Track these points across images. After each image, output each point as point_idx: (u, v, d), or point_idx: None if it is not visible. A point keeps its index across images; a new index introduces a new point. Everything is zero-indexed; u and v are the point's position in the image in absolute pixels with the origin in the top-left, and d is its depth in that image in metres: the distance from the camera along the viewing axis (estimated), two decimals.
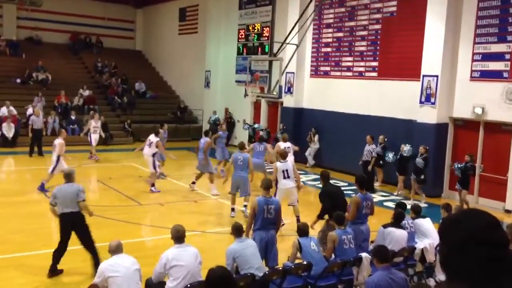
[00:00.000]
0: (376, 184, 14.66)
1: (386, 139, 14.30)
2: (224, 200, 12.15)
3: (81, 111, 21.67)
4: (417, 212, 7.92)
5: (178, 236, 5.80)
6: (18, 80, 22.57)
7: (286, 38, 16.70)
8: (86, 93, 22.77)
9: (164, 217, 10.87)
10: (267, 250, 6.88)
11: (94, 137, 16.98)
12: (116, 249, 5.61)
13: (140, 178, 14.39)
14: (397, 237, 6.96)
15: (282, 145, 12.84)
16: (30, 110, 19.90)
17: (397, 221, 7.23)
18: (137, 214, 11.02)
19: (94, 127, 17.08)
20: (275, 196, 8.91)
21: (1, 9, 25.50)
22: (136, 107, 23.81)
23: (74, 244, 7.35)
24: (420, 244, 7.40)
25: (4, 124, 18.68)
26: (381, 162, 14.14)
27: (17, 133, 18.92)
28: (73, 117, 20.78)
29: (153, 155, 12.71)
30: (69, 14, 27.14)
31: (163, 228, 9.27)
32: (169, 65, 27.23)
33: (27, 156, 16.99)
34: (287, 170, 9.88)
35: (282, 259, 7.04)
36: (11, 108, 19.45)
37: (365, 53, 16.32)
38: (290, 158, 11.82)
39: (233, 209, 10.71)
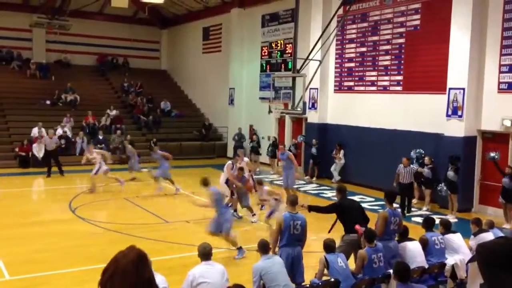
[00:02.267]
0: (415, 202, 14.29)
1: (433, 160, 13.44)
2: (249, 217, 12.13)
3: (109, 131, 22.08)
4: (447, 227, 7.75)
5: (205, 253, 5.83)
6: (48, 102, 23.16)
7: (309, 54, 16.74)
8: (113, 113, 23.21)
9: (191, 234, 10.90)
10: (294, 267, 6.82)
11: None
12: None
13: (166, 196, 14.53)
14: (412, 251, 6.91)
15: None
16: (59, 131, 20.40)
17: (404, 235, 7.30)
18: (164, 232, 11.08)
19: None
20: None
21: (31, 33, 26.32)
22: (162, 126, 24.13)
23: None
24: (450, 260, 7.24)
25: (34, 145, 19.14)
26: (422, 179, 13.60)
27: None
28: (100, 137, 21.16)
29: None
30: (97, 37, 27.85)
31: (189, 245, 9.30)
32: (193, 83, 27.58)
33: (56, 176, 17.32)
34: None
35: (309, 276, 6.96)
36: (42, 129, 19.93)
37: (389, 67, 16.23)
38: None
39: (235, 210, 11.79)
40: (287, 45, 20.32)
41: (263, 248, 6.24)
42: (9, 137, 20.49)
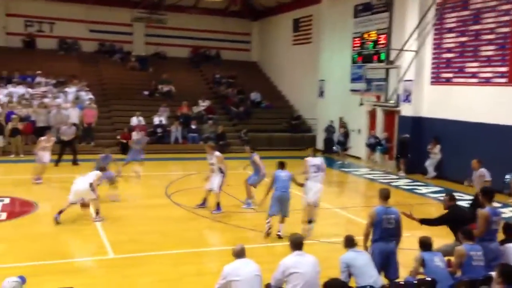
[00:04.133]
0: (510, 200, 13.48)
1: None
2: (339, 210, 12.04)
3: (201, 121, 22.88)
4: None
5: (297, 244, 5.89)
6: (146, 93, 24.45)
7: (404, 45, 16.19)
8: (206, 103, 23.99)
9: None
10: (388, 263, 6.66)
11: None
12: (240, 253, 5.81)
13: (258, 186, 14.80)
14: None
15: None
16: (156, 120, 21.49)
17: (509, 235, 6.81)
18: (255, 220, 11.31)
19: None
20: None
21: (132, 28, 27.87)
22: (252, 117, 24.55)
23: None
24: None
25: (133, 133, 20.29)
26: None
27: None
28: (193, 127, 21.99)
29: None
30: (191, 30, 28.88)
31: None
32: (283, 75, 27.71)
33: (154, 162, 18.16)
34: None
35: (402, 274, 6.79)
36: (140, 118, 21.10)
37: (492, 58, 15.24)
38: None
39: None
40: (380, 36, 19.74)
41: (349, 242, 6.25)
42: (112, 125, 21.90)
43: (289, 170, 9.92)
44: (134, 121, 20.91)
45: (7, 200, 11.88)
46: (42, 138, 14.57)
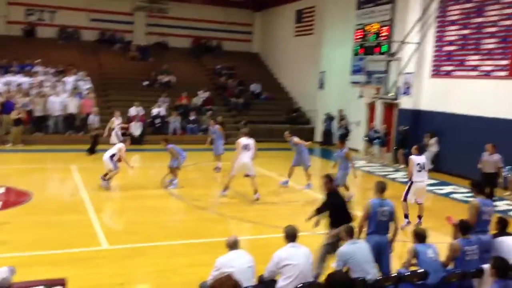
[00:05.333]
0: (507, 194, 13.48)
1: None
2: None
3: (200, 112, 22.80)
4: None
5: (291, 235, 5.87)
6: (146, 83, 24.36)
7: (406, 37, 16.07)
8: (206, 94, 23.90)
9: (276, 216, 11.01)
10: (381, 255, 6.65)
11: (118, 135, 17.66)
12: (233, 245, 5.79)
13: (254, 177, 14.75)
14: (509, 246, 6.46)
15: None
16: (155, 111, 21.41)
17: (503, 228, 6.74)
18: (251, 212, 11.29)
19: (118, 125, 17.97)
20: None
21: (133, 17, 27.73)
22: (251, 108, 24.46)
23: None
24: None
25: (132, 123, 20.26)
26: None
27: (144, 132, 20.43)
28: (192, 118, 21.92)
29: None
30: (192, 20, 28.71)
31: (275, 227, 9.40)
32: (284, 66, 27.60)
33: (154, 153, 18.14)
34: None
35: (395, 266, 6.77)
36: (139, 108, 21.02)
37: (493, 51, 15.11)
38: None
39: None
40: (383, 28, 19.59)
41: (348, 233, 6.15)
42: (110, 115, 21.79)
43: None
44: (132, 111, 20.85)
45: (2, 190, 11.84)
46: (122, 146, 12.81)
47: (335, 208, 7.11)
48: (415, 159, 10.35)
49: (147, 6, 25.53)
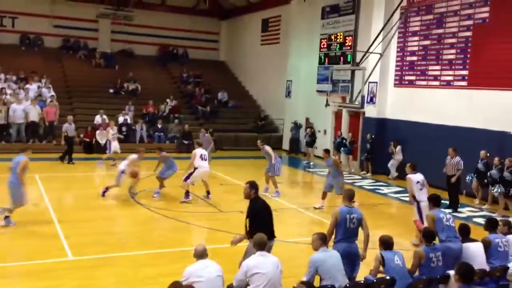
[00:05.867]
0: (476, 202, 13.88)
1: (488, 155, 13.20)
2: (303, 210, 12.10)
3: (167, 120, 22.61)
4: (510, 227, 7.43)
5: (260, 244, 5.86)
6: (111, 90, 24.01)
7: (369, 47, 16.42)
8: (173, 103, 23.75)
9: (243, 225, 10.98)
10: (350, 262, 6.71)
11: (114, 144, 18.00)
12: (201, 254, 5.73)
13: (221, 186, 14.73)
14: (473, 252, 6.69)
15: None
16: (122, 118, 21.11)
17: (465, 235, 6.98)
18: (219, 221, 11.25)
19: (113, 135, 18.17)
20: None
21: (97, 24, 27.33)
22: (218, 116, 24.45)
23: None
24: None
25: (97, 132, 19.92)
26: (485, 180, 13.12)
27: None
28: (159, 126, 21.73)
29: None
30: (158, 27, 28.56)
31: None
32: (251, 75, 27.73)
33: (119, 161, 17.87)
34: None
35: (362, 273, 6.85)
36: (104, 116, 20.69)
37: (454, 62, 15.62)
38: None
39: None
40: (347, 38, 19.97)
41: (322, 240, 6.17)
42: (75, 123, 21.36)
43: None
44: (98, 119, 20.50)
45: None
46: (135, 158, 12.78)
47: (253, 216, 6.95)
48: (413, 177, 9.80)
49: (112, 13, 25.19)
